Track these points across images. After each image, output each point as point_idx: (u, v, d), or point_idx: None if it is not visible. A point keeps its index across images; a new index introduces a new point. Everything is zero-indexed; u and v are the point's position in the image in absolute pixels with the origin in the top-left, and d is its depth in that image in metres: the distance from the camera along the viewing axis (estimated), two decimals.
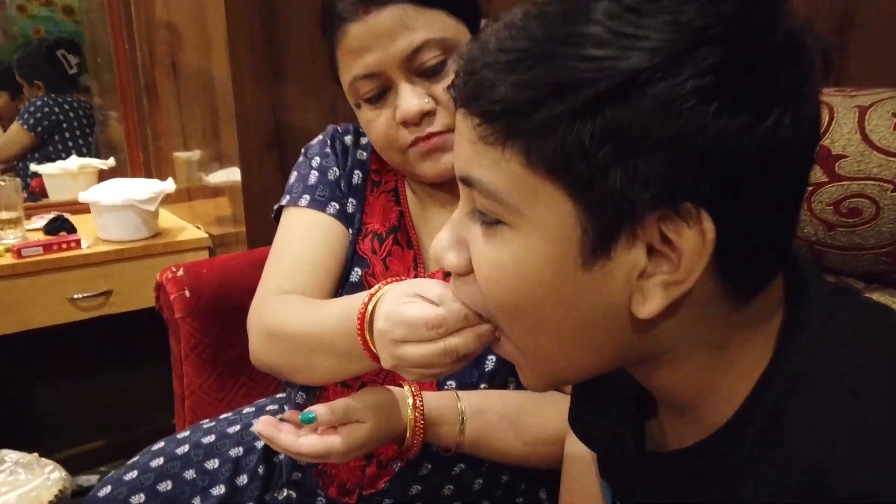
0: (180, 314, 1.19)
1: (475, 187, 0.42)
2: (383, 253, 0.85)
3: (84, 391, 1.83)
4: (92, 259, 1.51)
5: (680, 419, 0.49)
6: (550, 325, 0.43)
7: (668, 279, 0.39)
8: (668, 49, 0.35)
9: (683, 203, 0.37)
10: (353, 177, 0.88)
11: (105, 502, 0.85)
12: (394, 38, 0.74)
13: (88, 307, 1.52)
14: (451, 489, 0.81)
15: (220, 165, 1.60)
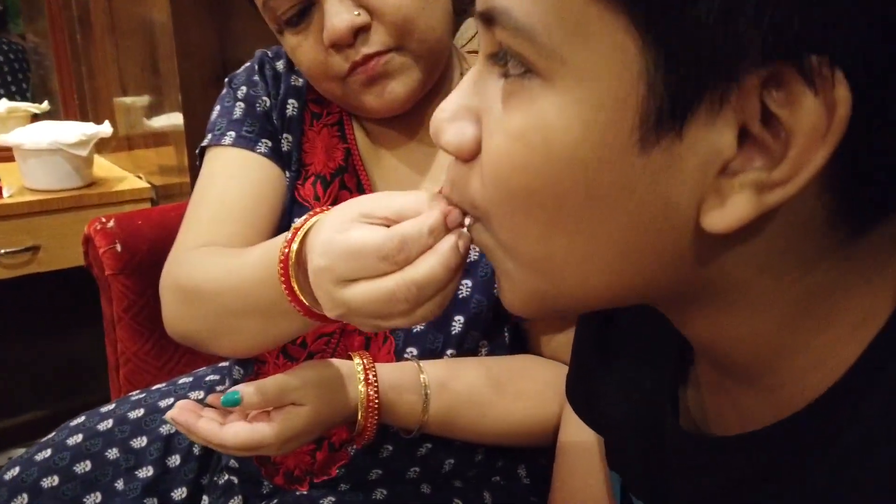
0: (111, 271, 1.06)
1: (500, 22, 0.29)
2: (328, 198, 0.73)
3: (11, 358, 1.68)
4: (15, 210, 1.35)
5: (734, 390, 0.37)
6: (574, 225, 0.31)
7: (766, 178, 0.27)
8: None
9: (809, 56, 0.25)
10: (286, 107, 0.74)
11: (12, 486, 0.73)
12: None
13: (12, 264, 1.37)
14: (417, 471, 0.70)
15: (162, 110, 1.45)
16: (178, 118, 1.37)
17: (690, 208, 0.28)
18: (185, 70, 1.33)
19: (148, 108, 1.54)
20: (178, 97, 1.34)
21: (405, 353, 0.67)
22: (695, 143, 0.27)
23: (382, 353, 0.67)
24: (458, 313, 0.68)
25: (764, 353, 0.33)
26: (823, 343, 0.31)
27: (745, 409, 0.35)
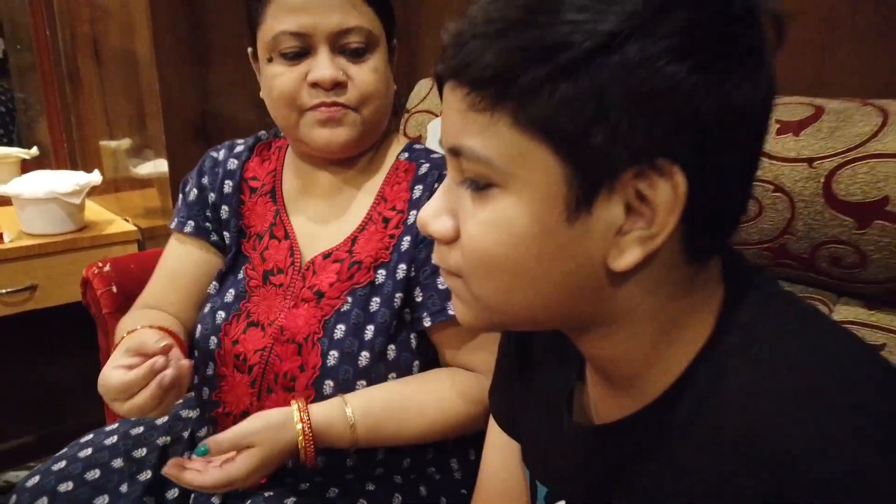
0: (108, 310, 1.20)
1: (465, 155, 0.44)
2: (261, 248, 0.93)
3: (10, 387, 1.79)
4: (14, 254, 1.48)
5: (613, 392, 0.52)
6: (528, 280, 0.45)
7: (644, 234, 0.42)
8: (642, 12, 0.39)
9: (658, 159, 0.40)
10: (224, 186, 0.96)
11: (33, 491, 0.87)
12: (333, 10, 0.82)
13: (12, 302, 1.49)
14: (354, 460, 0.86)
15: (148, 156, 1.59)
16: (163, 165, 1.51)
17: (601, 257, 0.44)
18: (169, 122, 1.47)
19: (133, 156, 1.67)
20: (164, 146, 1.48)
21: (328, 355, 0.83)
22: (600, 216, 0.42)
23: (312, 356, 0.84)
24: (369, 323, 0.84)
25: (635, 365, 0.49)
26: (670, 355, 0.47)
27: (621, 405, 0.51)
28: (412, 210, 0.88)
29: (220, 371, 0.89)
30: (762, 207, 0.85)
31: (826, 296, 0.86)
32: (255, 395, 0.86)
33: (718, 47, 0.40)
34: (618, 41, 0.38)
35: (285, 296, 0.88)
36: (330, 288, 0.86)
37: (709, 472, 0.43)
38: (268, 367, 0.85)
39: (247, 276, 0.92)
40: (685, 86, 0.39)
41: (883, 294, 0.81)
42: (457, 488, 0.89)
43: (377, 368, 0.83)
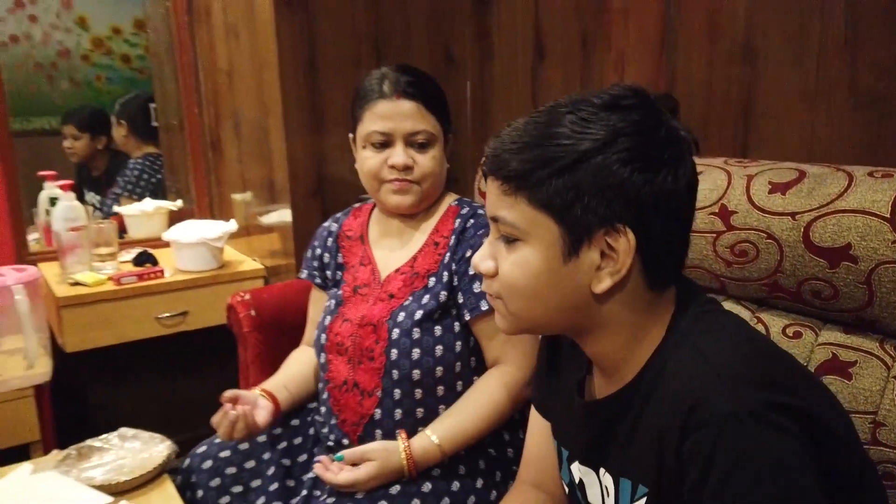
0: (247, 329, 1.53)
1: (500, 221, 0.72)
2: (354, 272, 1.30)
3: (160, 395, 2.18)
4: (173, 286, 1.87)
5: (606, 378, 0.78)
6: (541, 298, 0.71)
7: (612, 269, 0.68)
8: (604, 138, 0.66)
9: (616, 223, 0.67)
10: (327, 242, 1.36)
11: (202, 456, 1.21)
12: (407, 118, 1.19)
13: (170, 324, 1.87)
14: None
15: (274, 208, 1.94)
16: (287, 215, 1.85)
17: (587, 284, 0.70)
18: (293, 180, 1.82)
19: (261, 207, 2.04)
20: (289, 200, 1.83)
21: (392, 331, 1.17)
22: (584, 259, 0.69)
23: (382, 332, 1.18)
24: (419, 310, 1.18)
25: (617, 358, 0.75)
26: (639, 351, 0.73)
27: (609, 387, 0.76)
28: (453, 236, 1.22)
29: (328, 357, 1.24)
30: (758, 251, 1.06)
31: (815, 323, 1.05)
32: (351, 369, 1.20)
33: (650, 157, 0.67)
34: (588, 156, 0.67)
35: (367, 300, 1.24)
36: (398, 290, 1.22)
37: (657, 427, 0.67)
38: (355, 347, 1.19)
39: (342, 291, 1.29)
40: (629, 181, 0.66)
41: (855, 321, 1.00)
42: (510, 464, 1.16)
43: (426, 341, 1.16)
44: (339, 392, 1.21)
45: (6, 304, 1.56)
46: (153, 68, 2.74)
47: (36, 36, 2.69)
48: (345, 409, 1.20)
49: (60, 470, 1.17)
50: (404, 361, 1.15)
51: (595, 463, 0.78)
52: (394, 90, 1.18)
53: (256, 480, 1.21)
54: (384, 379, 1.16)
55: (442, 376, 1.16)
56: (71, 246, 1.84)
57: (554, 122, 0.69)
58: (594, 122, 0.67)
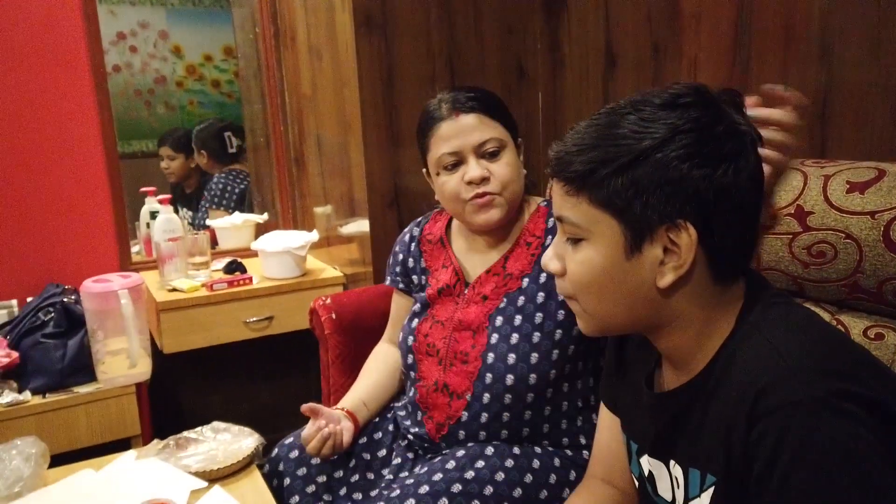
0: (329, 331, 1.61)
1: (565, 221, 0.75)
2: (437, 275, 1.32)
3: (246, 395, 2.30)
4: (260, 292, 1.99)
5: (675, 372, 0.79)
6: (609, 294, 0.74)
7: (675, 264, 0.70)
8: (662, 136, 0.68)
9: (678, 220, 0.68)
10: (411, 246, 1.39)
11: (289, 447, 1.29)
12: (472, 132, 1.19)
13: (257, 328, 1.99)
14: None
15: (352, 219, 2.04)
16: (365, 225, 1.94)
17: (651, 281, 0.71)
18: (371, 193, 1.90)
19: (340, 218, 2.14)
20: (367, 211, 1.92)
21: (491, 336, 1.20)
22: (648, 255, 0.71)
23: (481, 337, 1.20)
24: (518, 314, 1.20)
25: (685, 352, 0.76)
26: (708, 345, 0.74)
27: (679, 380, 0.78)
28: (548, 235, 1.23)
29: (416, 357, 1.28)
30: (836, 252, 1.05)
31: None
32: (442, 370, 1.23)
33: (709, 152, 0.68)
34: (647, 153, 0.69)
35: (456, 302, 1.27)
36: (491, 292, 1.23)
37: (726, 416, 0.68)
38: (448, 349, 1.22)
39: (427, 294, 1.31)
40: (688, 176, 0.68)
41: None
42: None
43: (523, 347, 1.17)
44: (426, 391, 1.24)
45: (113, 307, 1.70)
46: (241, 92, 2.92)
47: (136, 65, 2.91)
48: (433, 409, 1.23)
49: (160, 457, 1.27)
50: (499, 366, 1.17)
51: (664, 455, 0.79)
52: (451, 108, 1.20)
53: (339, 471, 1.26)
54: (476, 382, 1.18)
55: (535, 384, 1.16)
56: (169, 255, 1.99)
57: (614, 123, 0.71)
58: (653, 120, 0.69)
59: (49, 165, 2.05)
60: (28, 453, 1.23)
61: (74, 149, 2.07)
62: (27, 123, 2.01)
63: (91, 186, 2.10)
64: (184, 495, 1.11)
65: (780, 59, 1.36)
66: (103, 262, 2.10)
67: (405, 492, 1.09)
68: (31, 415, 1.69)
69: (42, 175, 2.04)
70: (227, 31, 2.90)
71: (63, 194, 2.07)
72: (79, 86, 2.06)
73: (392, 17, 1.83)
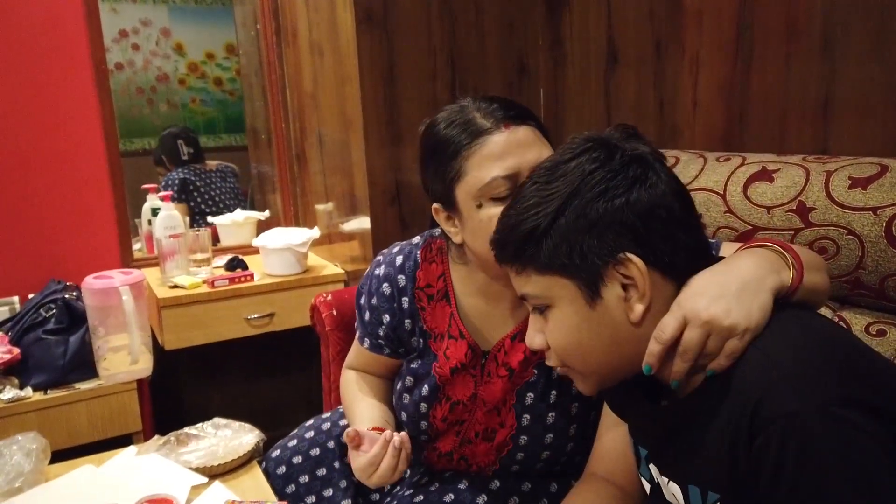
0: (330, 328, 1.60)
1: (526, 298, 0.78)
2: (444, 347, 1.09)
3: (247, 392, 2.31)
4: (261, 289, 1.98)
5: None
6: (592, 348, 0.74)
7: (638, 295, 0.71)
8: (568, 190, 0.71)
9: (618, 254, 0.70)
10: (402, 302, 1.10)
11: (277, 461, 1.25)
12: (529, 147, 0.92)
13: (258, 325, 1.99)
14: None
15: (354, 215, 2.04)
16: (366, 222, 1.94)
17: (624, 319, 0.72)
18: (372, 189, 1.90)
19: (341, 215, 2.14)
20: (368, 208, 1.92)
21: (522, 417, 1.04)
22: (609, 297, 0.72)
23: (509, 417, 1.05)
24: (553, 389, 1.04)
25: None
26: None
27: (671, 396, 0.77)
28: None
29: (430, 434, 1.11)
30: (838, 248, 1.04)
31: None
32: (459, 443, 1.09)
33: (617, 183, 0.70)
34: (562, 210, 0.71)
35: (475, 377, 1.06)
36: (519, 365, 1.03)
37: (728, 432, 0.65)
38: (471, 426, 1.07)
39: (436, 374, 1.07)
40: (609, 212, 0.70)
41: None
42: None
43: (560, 423, 1.04)
44: (438, 458, 1.11)
45: (114, 303, 1.70)
46: (243, 89, 2.92)
47: (138, 63, 2.93)
48: (447, 468, 1.13)
49: (161, 453, 1.27)
50: (535, 448, 1.05)
51: (663, 469, 0.79)
52: (500, 119, 0.92)
53: (329, 490, 1.21)
54: (504, 458, 1.07)
55: (571, 451, 1.06)
56: (170, 251, 1.99)
57: (520, 199, 0.76)
58: (563, 175, 0.73)
59: (51, 162, 2.05)
60: (29, 449, 1.23)
61: (76, 146, 2.07)
62: (29, 121, 2.01)
63: (93, 183, 2.10)
64: (184, 491, 1.11)
65: (783, 55, 1.35)
66: (105, 258, 2.10)
67: None
68: (32, 411, 1.69)
69: (44, 172, 2.05)
70: (229, 28, 2.91)
71: (65, 191, 2.07)
72: (80, 83, 2.06)
73: (393, 14, 1.83)
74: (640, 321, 0.72)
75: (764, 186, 1.14)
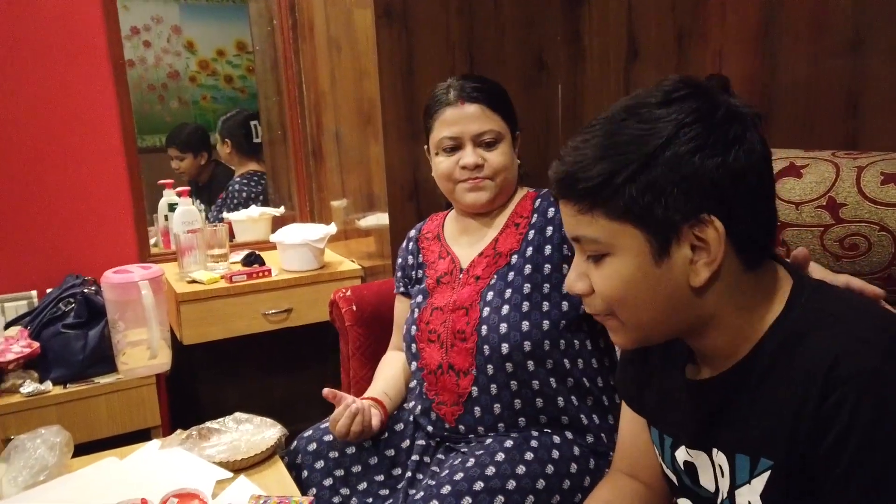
0: (349, 323, 1.60)
1: (582, 241, 0.73)
2: (434, 266, 1.38)
3: (264, 388, 2.30)
4: (279, 284, 1.98)
5: (713, 360, 0.76)
6: (645, 304, 0.71)
7: (707, 260, 0.68)
8: (667, 134, 0.66)
9: (700, 214, 0.67)
10: (409, 246, 1.46)
11: (308, 440, 1.29)
12: (472, 121, 1.27)
13: (276, 320, 1.99)
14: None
15: (371, 212, 2.03)
16: (384, 218, 1.93)
17: (684, 282, 0.69)
18: (390, 186, 1.89)
19: (358, 212, 2.14)
20: (386, 204, 1.91)
21: (483, 310, 1.24)
22: (676, 257, 0.69)
23: (473, 313, 1.24)
24: (508, 287, 1.25)
25: (729, 344, 0.73)
26: (750, 333, 0.72)
27: (718, 367, 0.75)
28: (535, 214, 1.29)
29: (419, 346, 1.31)
30: (870, 244, 1.03)
31: None
32: (444, 353, 1.25)
33: (716, 140, 0.67)
34: (657, 153, 0.67)
35: (453, 286, 1.31)
36: (483, 271, 1.29)
37: (789, 395, 0.66)
38: (447, 331, 1.25)
39: (427, 285, 1.36)
40: (702, 168, 0.66)
41: None
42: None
43: (513, 317, 1.20)
44: (433, 377, 1.26)
45: (133, 298, 1.70)
46: (257, 86, 2.92)
47: (149, 60, 2.93)
48: (442, 392, 1.24)
49: (184, 447, 1.27)
50: (493, 336, 1.20)
51: (706, 444, 0.78)
52: (458, 96, 1.27)
53: (357, 466, 1.26)
54: (477, 357, 1.21)
55: (530, 351, 1.19)
56: (188, 246, 1.99)
57: (613, 131, 0.69)
58: (654, 120, 0.68)
59: (69, 158, 2.05)
60: (52, 442, 1.23)
61: (94, 141, 2.08)
62: (47, 116, 2.02)
63: (110, 178, 2.11)
64: (209, 485, 1.11)
65: (811, 50, 1.34)
66: (123, 253, 2.11)
67: (428, 493, 1.09)
68: (52, 405, 1.69)
69: (62, 167, 2.05)
70: (240, 25, 2.91)
71: (83, 186, 2.08)
72: (98, 78, 2.06)
73: (412, 9, 1.82)
74: (701, 287, 0.69)
75: (792, 182, 1.12)
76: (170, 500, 0.99)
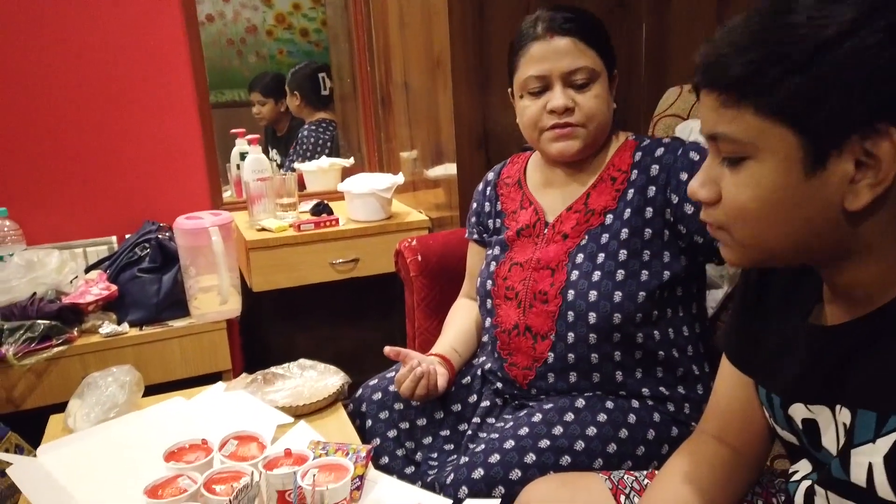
0: (414, 273, 1.57)
1: (720, 139, 0.62)
2: (514, 217, 1.27)
3: (331, 336, 2.32)
4: (346, 234, 1.97)
5: (847, 304, 0.65)
6: (779, 221, 0.60)
7: (873, 181, 0.56)
8: (852, 17, 0.54)
9: (877, 123, 0.54)
10: (487, 190, 1.34)
11: (374, 388, 1.26)
12: (563, 57, 1.11)
13: (343, 270, 1.98)
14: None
15: (439, 162, 1.97)
16: (452, 168, 1.87)
17: (837, 203, 0.58)
18: (459, 136, 1.82)
19: (426, 162, 2.08)
20: (454, 154, 1.84)
21: (571, 273, 1.13)
22: (834, 171, 0.57)
23: (560, 275, 1.14)
24: (601, 251, 1.13)
25: (873, 285, 0.62)
26: None
27: (850, 313, 0.65)
28: (634, 170, 1.14)
29: (494, 303, 1.21)
30: None
31: None
32: (521, 313, 1.16)
33: None
34: (836, 42, 0.54)
35: (536, 242, 1.20)
36: (572, 230, 1.16)
37: None
38: (527, 290, 1.16)
39: (506, 237, 1.25)
40: (893, 67, 0.54)
41: None
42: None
43: (605, 285, 1.09)
44: (507, 336, 1.18)
45: (204, 244, 1.72)
46: (328, 36, 2.90)
47: (228, 14, 2.98)
48: (515, 353, 1.17)
49: (248, 391, 1.27)
50: (580, 303, 1.10)
51: (829, 398, 0.68)
52: (547, 29, 1.11)
53: (423, 419, 1.23)
54: (558, 322, 1.11)
55: (620, 324, 1.08)
56: (258, 195, 2.00)
57: (783, 9, 0.57)
58: (831, 2, 0.55)
59: (145, 111, 2.09)
60: (123, 381, 1.26)
61: (169, 94, 2.10)
62: (125, 74, 2.05)
63: (185, 130, 2.13)
64: (270, 429, 1.11)
65: None
66: (196, 201, 2.14)
67: (490, 447, 1.04)
68: (129, 346, 1.75)
69: (139, 120, 2.09)
70: None
71: (159, 138, 2.12)
72: (172, 33, 2.07)
73: None
74: (857, 212, 0.58)
75: None
76: (229, 441, 0.98)
